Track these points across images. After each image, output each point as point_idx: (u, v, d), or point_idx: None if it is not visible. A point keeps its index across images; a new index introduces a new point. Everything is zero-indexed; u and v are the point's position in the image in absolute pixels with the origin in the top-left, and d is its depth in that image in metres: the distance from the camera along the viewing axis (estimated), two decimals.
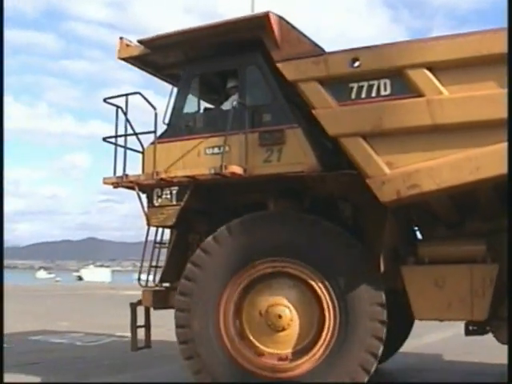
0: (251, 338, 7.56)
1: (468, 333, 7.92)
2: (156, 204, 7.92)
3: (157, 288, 8.48)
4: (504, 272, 6.75)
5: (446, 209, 7.41)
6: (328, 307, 7.23)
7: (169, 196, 7.85)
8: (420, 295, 7.25)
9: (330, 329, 7.23)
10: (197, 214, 8.29)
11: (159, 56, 8.17)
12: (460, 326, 8.17)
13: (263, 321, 7.48)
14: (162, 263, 8.66)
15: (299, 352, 7.40)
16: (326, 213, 7.76)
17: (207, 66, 7.96)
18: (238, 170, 7.33)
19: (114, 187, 8.10)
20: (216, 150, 7.52)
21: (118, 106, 7.95)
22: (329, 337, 7.22)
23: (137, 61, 8.32)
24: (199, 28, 7.60)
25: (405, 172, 6.66)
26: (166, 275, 8.41)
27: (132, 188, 8.00)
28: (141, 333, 8.59)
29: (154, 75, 8.69)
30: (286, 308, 7.42)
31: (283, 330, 7.43)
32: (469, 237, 7.39)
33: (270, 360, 7.45)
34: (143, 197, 7.99)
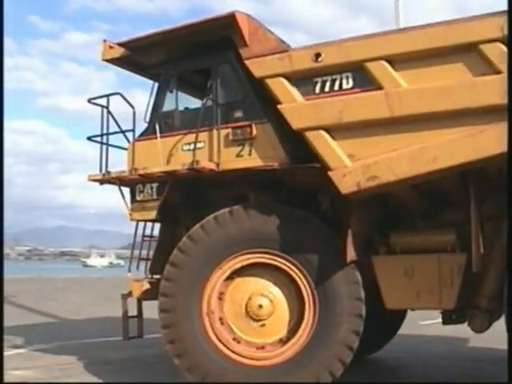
0: (232, 325, 7.80)
1: (446, 322, 7.97)
2: (138, 199, 8.26)
3: (146, 280, 8.79)
4: (476, 261, 6.82)
5: (414, 199, 7.48)
6: (308, 298, 7.44)
7: (150, 191, 8.18)
8: (390, 285, 7.37)
9: (310, 320, 7.43)
10: (182, 207, 8.57)
11: (141, 56, 8.47)
12: None
13: (244, 310, 7.73)
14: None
15: (278, 341, 7.62)
16: (306, 205, 7.95)
17: (184, 65, 8.24)
18: (209, 165, 7.59)
19: (100, 184, 8.46)
20: (192, 147, 7.79)
21: (102, 106, 8.30)
22: (308, 328, 7.43)
23: (121, 62, 8.64)
24: (173, 29, 7.87)
25: (364, 164, 6.79)
26: (154, 267, 8.73)
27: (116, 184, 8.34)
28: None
29: (141, 75, 9.00)
30: (266, 298, 7.65)
31: (263, 319, 7.66)
32: (439, 227, 7.44)
33: (248, 348, 7.69)
34: (127, 192, 8.32)
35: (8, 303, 18.54)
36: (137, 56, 8.45)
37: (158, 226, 9.10)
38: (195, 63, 8.17)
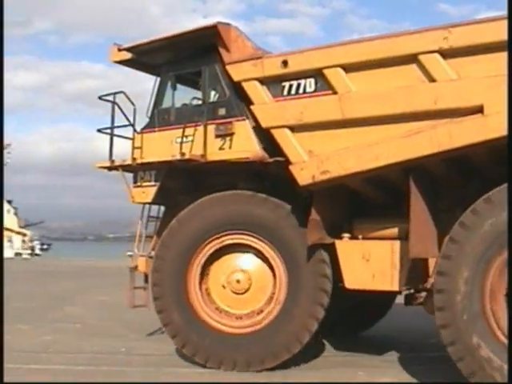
0: (214, 297, 8.92)
1: (406, 303, 8.81)
2: (139, 184, 9.47)
3: (149, 256, 9.99)
4: (413, 249, 7.60)
5: (370, 191, 8.32)
6: (279, 275, 8.49)
7: (149, 177, 9.37)
8: (349, 267, 8.25)
9: (281, 294, 8.46)
10: (182, 192, 9.72)
11: (146, 58, 9.62)
12: None
13: (225, 285, 8.84)
14: None
15: (254, 312, 8.68)
16: (288, 194, 8.92)
17: (180, 67, 9.36)
18: (194, 156, 8.69)
19: (109, 170, 9.72)
20: (183, 140, 8.89)
21: (113, 102, 9.53)
22: (279, 301, 8.46)
23: (129, 63, 9.84)
24: (170, 36, 8.98)
25: (319, 159, 7.74)
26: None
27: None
28: None
29: (147, 73, 10.16)
30: (243, 274, 8.75)
31: (241, 292, 8.76)
32: (395, 217, 8.25)
33: (228, 317, 8.80)
34: (130, 178, 9.56)
35: None
36: (142, 58, 9.59)
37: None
38: (189, 65, 9.26)
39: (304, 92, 7.99)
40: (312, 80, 7.93)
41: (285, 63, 8.04)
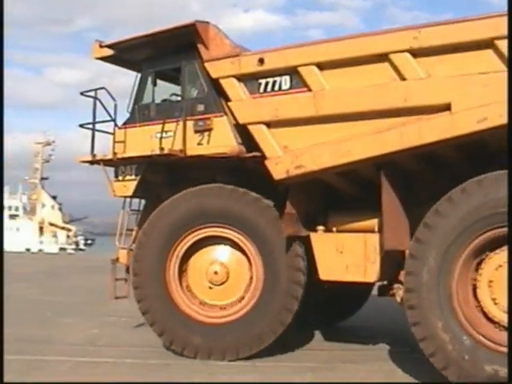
0: (195, 291, 9.12)
1: (380, 294, 9.07)
2: (120, 178, 9.66)
3: (130, 248, 10.18)
4: (386, 241, 7.85)
5: (345, 185, 8.55)
6: (254, 263, 8.72)
7: (130, 171, 9.55)
8: (324, 259, 8.49)
9: (259, 285, 8.68)
10: (163, 186, 9.90)
11: (127, 55, 9.78)
12: None
13: (203, 276, 9.06)
14: None
15: (236, 300, 8.90)
16: (267, 188, 9.13)
17: (160, 63, 9.54)
18: (173, 151, 8.89)
19: (90, 164, 9.89)
20: (163, 135, 9.07)
21: (94, 98, 9.70)
22: (257, 292, 8.68)
23: (111, 60, 10.01)
24: (150, 33, 9.13)
25: (293, 154, 7.97)
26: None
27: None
28: None
29: (129, 69, 10.32)
30: (220, 265, 8.97)
31: (220, 284, 8.97)
32: (368, 210, 8.49)
33: (212, 309, 9.02)
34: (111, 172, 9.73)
35: None
36: (123, 54, 9.76)
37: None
38: (168, 62, 9.45)
39: (279, 89, 8.21)
40: (287, 77, 8.15)
41: (261, 61, 8.24)
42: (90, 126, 9.84)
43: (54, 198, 75.69)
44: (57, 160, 75.48)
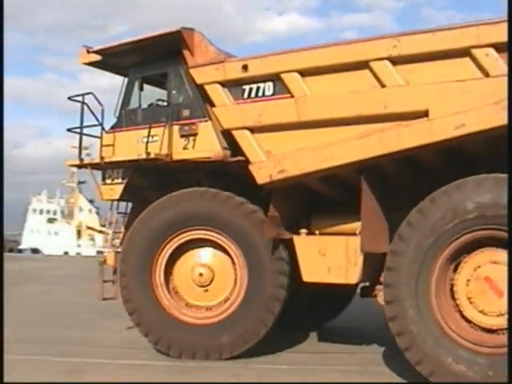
0: (182, 293, 9.29)
1: (362, 295, 9.25)
2: (108, 182, 9.81)
3: (118, 250, 10.34)
4: (364, 244, 8.02)
5: (327, 189, 8.73)
6: (239, 265, 8.88)
7: (117, 175, 9.71)
8: (306, 261, 8.66)
9: (243, 286, 8.85)
10: (150, 189, 10.06)
11: (116, 60, 9.94)
12: None
13: (189, 279, 9.22)
14: None
15: (222, 301, 9.07)
16: (253, 192, 9.28)
17: (146, 69, 9.70)
18: (159, 155, 9.05)
19: (78, 168, 10.05)
20: (149, 139, 9.23)
21: (82, 102, 9.85)
22: (241, 293, 8.85)
23: (98, 65, 10.16)
24: (137, 39, 9.29)
25: (276, 159, 8.14)
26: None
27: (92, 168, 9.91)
28: None
29: (118, 75, 10.47)
30: (204, 267, 9.14)
31: (206, 285, 9.14)
32: (350, 213, 8.66)
33: (198, 310, 9.18)
34: (99, 176, 9.88)
35: None
36: (110, 60, 9.92)
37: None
38: (155, 68, 9.62)
39: (263, 95, 8.38)
40: (270, 84, 8.32)
41: (245, 67, 8.41)
42: (78, 130, 9.97)
43: (92, 201, 75.54)
44: None
